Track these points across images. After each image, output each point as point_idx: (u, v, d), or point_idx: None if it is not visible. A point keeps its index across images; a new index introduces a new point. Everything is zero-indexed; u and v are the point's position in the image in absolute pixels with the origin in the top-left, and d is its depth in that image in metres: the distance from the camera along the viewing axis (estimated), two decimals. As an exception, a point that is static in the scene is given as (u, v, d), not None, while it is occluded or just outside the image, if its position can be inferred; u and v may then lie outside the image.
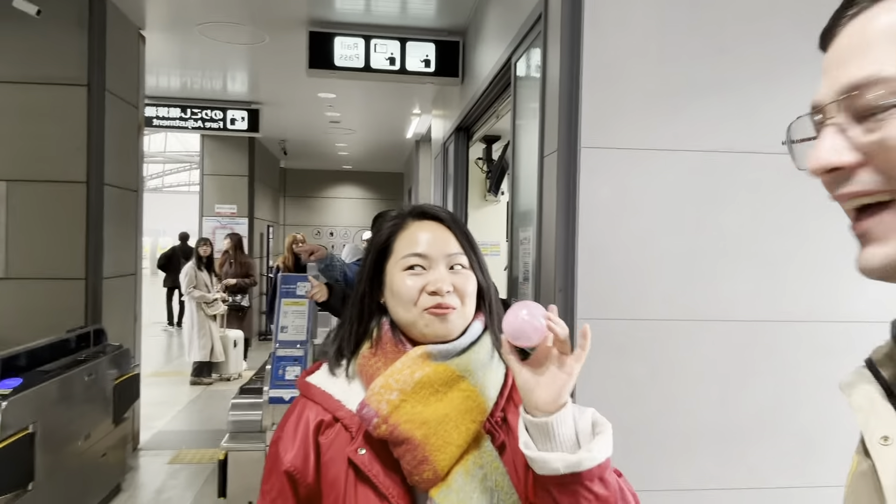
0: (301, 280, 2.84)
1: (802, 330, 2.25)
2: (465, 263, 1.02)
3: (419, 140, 9.40)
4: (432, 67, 4.58)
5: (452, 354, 0.97)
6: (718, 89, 2.22)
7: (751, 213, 2.24)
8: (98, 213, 4.17)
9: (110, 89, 4.31)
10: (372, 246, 1.06)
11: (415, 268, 0.99)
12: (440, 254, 1.00)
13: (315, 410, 0.99)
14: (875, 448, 0.51)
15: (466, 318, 1.00)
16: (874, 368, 0.57)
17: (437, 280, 0.97)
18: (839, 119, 0.52)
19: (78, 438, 3.37)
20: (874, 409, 0.53)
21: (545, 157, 2.44)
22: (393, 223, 1.06)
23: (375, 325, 1.02)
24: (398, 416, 0.91)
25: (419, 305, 0.97)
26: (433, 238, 1.02)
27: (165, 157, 25.28)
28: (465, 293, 1.00)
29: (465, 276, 1.01)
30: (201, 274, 7.03)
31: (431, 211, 1.06)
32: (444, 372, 0.95)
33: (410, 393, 0.92)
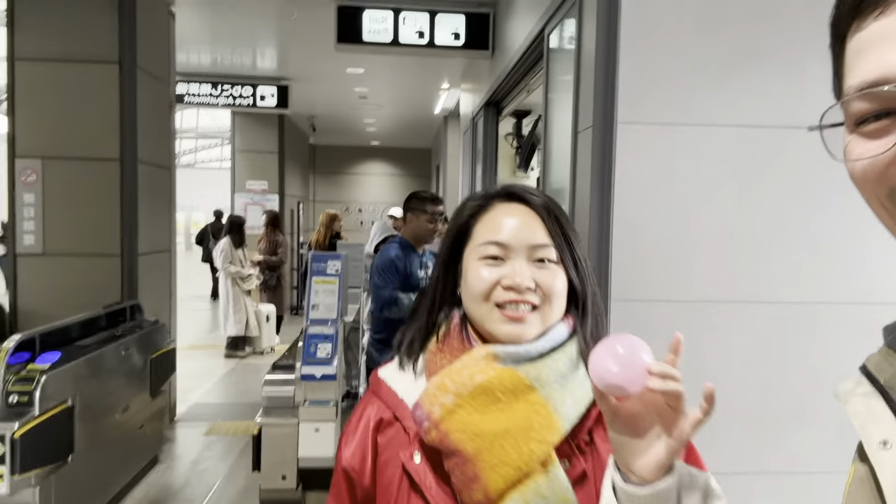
0: (332, 258, 2.84)
1: (847, 312, 2.17)
2: (552, 257, 0.88)
3: (447, 115, 9.31)
4: (462, 41, 4.49)
5: (524, 359, 0.83)
6: (764, 59, 2.12)
7: (795, 191, 2.15)
8: (132, 190, 4.21)
9: (142, 66, 4.33)
10: (450, 228, 0.95)
11: (492, 258, 0.87)
12: (522, 243, 0.87)
13: (377, 407, 0.92)
14: (874, 452, 0.49)
15: (548, 320, 0.87)
16: (870, 374, 0.55)
17: (515, 273, 0.85)
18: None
19: (116, 411, 3.46)
20: (871, 413, 0.52)
21: (579, 133, 2.38)
22: (476, 204, 0.94)
23: (445, 318, 0.92)
24: (450, 424, 0.80)
25: (491, 300, 0.86)
26: (518, 225, 0.88)
27: (198, 133, 25.59)
28: (551, 292, 0.86)
29: (551, 273, 0.87)
30: (237, 250, 7.12)
31: (520, 192, 0.92)
32: (509, 378, 0.82)
33: (467, 398, 0.81)
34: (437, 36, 4.46)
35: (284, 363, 2.95)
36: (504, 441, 0.79)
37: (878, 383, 0.54)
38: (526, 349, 0.84)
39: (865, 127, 0.50)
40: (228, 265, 7.03)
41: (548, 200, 0.92)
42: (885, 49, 0.47)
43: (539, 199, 0.91)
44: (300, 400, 2.68)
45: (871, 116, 0.49)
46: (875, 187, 0.50)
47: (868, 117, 0.49)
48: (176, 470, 4.06)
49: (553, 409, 0.81)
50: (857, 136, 0.51)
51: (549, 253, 0.88)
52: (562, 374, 0.84)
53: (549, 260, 0.88)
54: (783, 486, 2.18)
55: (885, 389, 0.53)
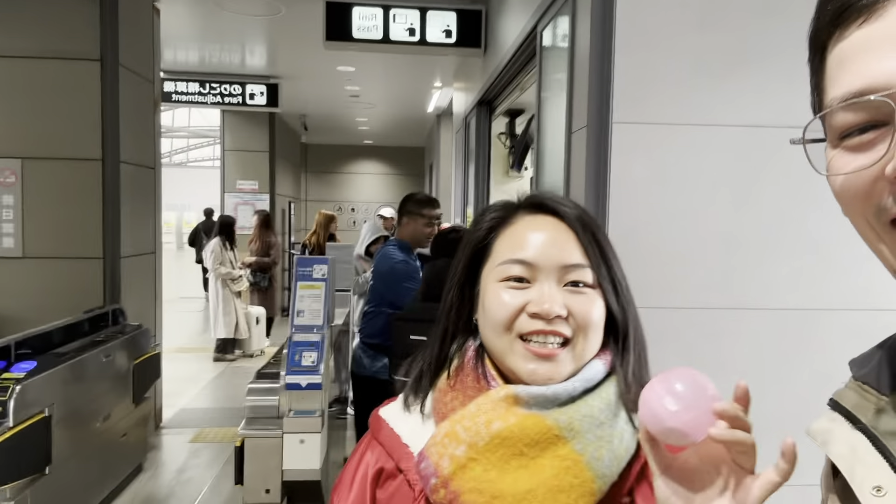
0: (317, 262, 2.74)
1: (848, 318, 2.09)
2: (588, 280, 0.74)
3: (440, 114, 9.22)
4: (453, 38, 4.40)
5: (553, 403, 0.69)
6: (764, 58, 2.04)
7: (795, 193, 2.07)
8: (114, 192, 4.10)
9: (124, 64, 4.22)
10: (466, 243, 0.80)
11: (516, 279, 0.73)
12: (553, 263, 0.73)
13: (378, 454, 0.78)
14: (868, 499, 0.46)
15: (582, 357, 0.73)
16: (846, 412, 0.54)
17: (543, 298, 0.71)
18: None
19: (97, 420, 3.35)
20: (858, 457, 0.49)
21: (573, 133, 2.29)
22: (496, 215, 0.79)
23: (458, 350, 0.78)
24: (462, 482, 0.66)
25: (514, 330, 0.72)
26: (547, 240, 0.74)
27: (189, 132, 25.42)
28: (587, 322, 0.72)
29: (587, 299, 0.73)
30: (227, 251, 7.00)
31: (550, 202, 0.78)
32: (535, 426, 0.67)
33: (483, 450, 0.67)
34: (429, 33, 4.37)
35: (269, 371, 2.85)
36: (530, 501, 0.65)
37: (861, 423, 0.51)
38: (554, 391, 0.70)
39: (850, 140, 0.47)
40: (219, 266, 6.92)
41: (582, 212, 0.78)
42: (869, 58, 0.45)
43: (572, 211, 0.77)
44: (285, 410, 2.59)
45: (856, 130, 0.47)
46: (862, 205, 0.48)
47: (853, 131, 0.47)
48: (160, 479, 3.95)
49: (587, 465, 0.66)
50: (841, 150, 0.48)
51: (585, 275, 0.74)
52: (598, 421, 0.69)
53: (584, 283, 0.73)
54: (782, 499, 2.11)
55: (871, 432, 0.50)
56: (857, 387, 0.56)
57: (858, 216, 0.50)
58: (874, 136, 0.46)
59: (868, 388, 0.54)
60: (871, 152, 0.46)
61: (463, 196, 6.01)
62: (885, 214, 0.47)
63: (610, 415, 0.70)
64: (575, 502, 0.65)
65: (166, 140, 26.06)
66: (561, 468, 0.66)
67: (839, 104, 0.47)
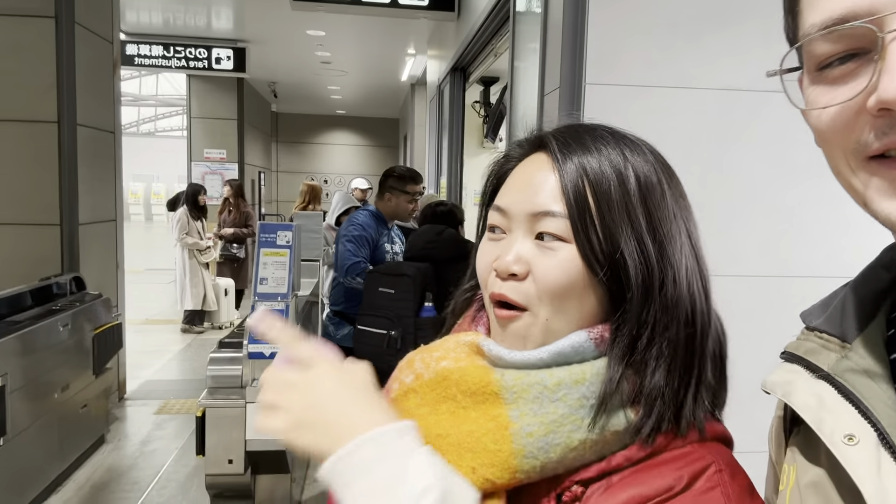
0: (282, 228, 2.65)
1: (818, 286, 2.09)
2: (559, 232, 0.59)
3: (414, 83, 9.07)
4: (426, 1, 4.27)
5: (508, 364, 0.60)
6: (739, 19, 1.99)
7: (768, 158, 2.04)
8: (72, 156, 3.94)
9: (80, 22, 4.02)
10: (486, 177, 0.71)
11: (495, 230, 0.64)
12: (521, 210, 0.61)
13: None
14: (840, 450, 0.45)
15: (551, 330, 0.60)
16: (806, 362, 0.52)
17: (504, 253, 0.61)
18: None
19: (55, 390, 3.25)
20: (825, 406, 0.48)
21: (546, 96, 2.23)
22: (518, 152, 0.67)
23: (468, 299, 0.73)
24: (398, 407, 0.62)
25: (487, 289, 0.64)
26: (525, 183, 0.63)
27: (157, 101, 24.75)
28: (547, 286, 0.59)
29: (551, 256, 0.59)
30: (195, 221, 6.82)
31: (546, 137, 0.64)
32: (476, 375, 0.59)
33: (425, 385, 0.62)
34: (400, -5, 4.24)
35: (232, 341, 2.77)
36: (437, 450, 0.57)
37: (822, 372, 0.50)
38: (519, 357, 0.59)
39: (830, 71, 0.45)
40: (185, 236, 6.75)
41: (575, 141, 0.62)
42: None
43: (559, 141, 0.62)
44: (248, 379, 2.51)
45: (836, 60, 0.44)
46: (841, 139, 0.46)
47: (832, 61, 0.44)
48: (123, 451, 3.87)
49: (512, 436, 0.56)
50: (819, 82, 0.46)
51: (555, 225, 0.59)
52: (552, 395, 0.57)
53: (553, 236, 0.59)
54: (749, 465, 2.12)
55: (836, 380, 0.49)
56: (814, 336, 0.54)
57: (836, 150, 0.47)
58: (855, 66, 0.43)
59: (827, 335, 0.53)
60: (853, 84, 0.43)
61: (437, 166, 5.92)
62: (864, 150, 0.44)
63: (574, 395, 0.57)
64: (482, 467, 0.56)
65: (133, 108, 25.36)
66: (484, 427, 0.57)
67: (818, 32, 0.44)
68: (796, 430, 0.56)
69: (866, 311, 0.52)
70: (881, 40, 0.40)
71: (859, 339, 0.50)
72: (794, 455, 0.54)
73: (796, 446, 0.54)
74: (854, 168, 0.46)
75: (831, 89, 0.45)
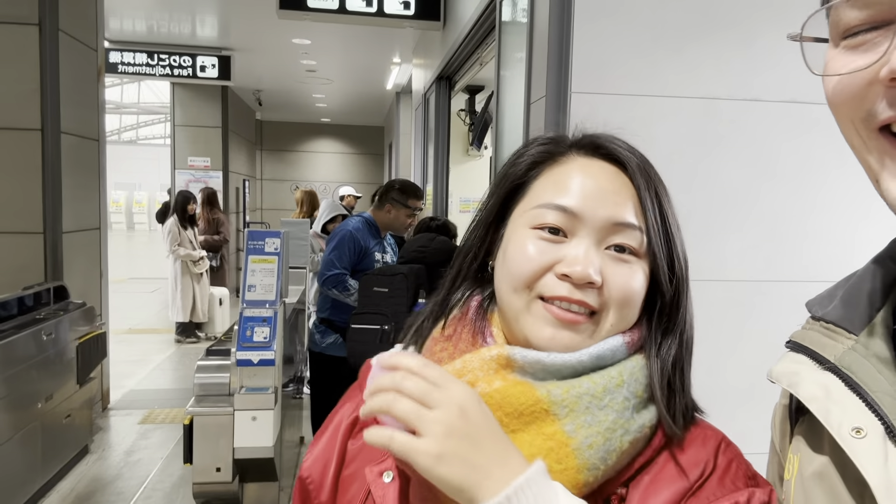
0: (269, 235, 2.66)
1: (798, 290, 2.13)
2: (636, 247, 0.61)
3: (399, 92, 9.10)
4: (412, 10, 4.31)
5: (551, 374, 0.59)
6: (722, 29, 2.04)
7: (750, 166, 2.09)
8: (55, 163, 3.91)
9: (64, 29, 4.00)
10: (502, 177, 0.68)
11: (551, 229, 0.61)
12: (599, 218, 0.61)
13: (356, 402, 0.68)
14: (847, 442, 0.44)
15: (603, 333, 0.61)
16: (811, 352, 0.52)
17: (577, 259, 0.59)
18: None
19: (38, 400, 3.21)
20: (832, 398, 0.47)
21: (532, 104, 2.26)
22: (543, 148, 0.66)
23: (462, 298, 0.67)
24: None
25: (536, 289, 0.60)
26: (598, 189, 0.62)
27: (140, 109, 24.56)
28: (623, 297, 0.60)
29: (629, 270, 0.61)
30: (186, 231, 6.71)
31: (612, 146, 0.65)
32: (521, 395, 0.57)
33: None
34: (387, 4, 4.27)
35: (219, 348, 2.77)
36: None
37: (829, 363, 0.49)
38: (554, 360, 0.58)
39: (852, 40, 0.44)
40: (177, 248, 6.60)
41: (646, 163, 0.66)
42: None
43: (634, 157, 0.65)
44: (236, 387, 2.51)
45: (862, 29, 0.43)
46: (852, 109, 0.45)
47: (858, 30, 0.44)
48: (108, 460, 3.83)
49: (575, 452, 0.55)
50: (841, 49, 0.45)
51: (634, 239, 0.61)
52: (600, 403, 0.57)
53: (630, 250, 0.61)
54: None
55: (843, 372, 0.48)
56: (819, 326, 0.54)
57: (847, 121, 0.46)
58: (876, 35, 0.43)
59: (834, 327, 0.52)
60: (871, 53, 0.43)
61: (422, 174, 5.95)
62: (873, 120, 0.44)
63: (618, 399, 0.58)
64: None
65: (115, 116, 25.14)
66: (543, 448, 0.56)
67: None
68: (801, 420, 0.55)
69: (873, 303, 0.51)
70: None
71: (866, 330, 0.50)
72: (799, 445, 0.53)
73: (801, 436, 0.53)
74: (865, 139, 0.45)
75: (850, 57, 0.44)
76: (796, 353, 0.54)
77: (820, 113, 2.06)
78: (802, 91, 2.04)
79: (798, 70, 0.50)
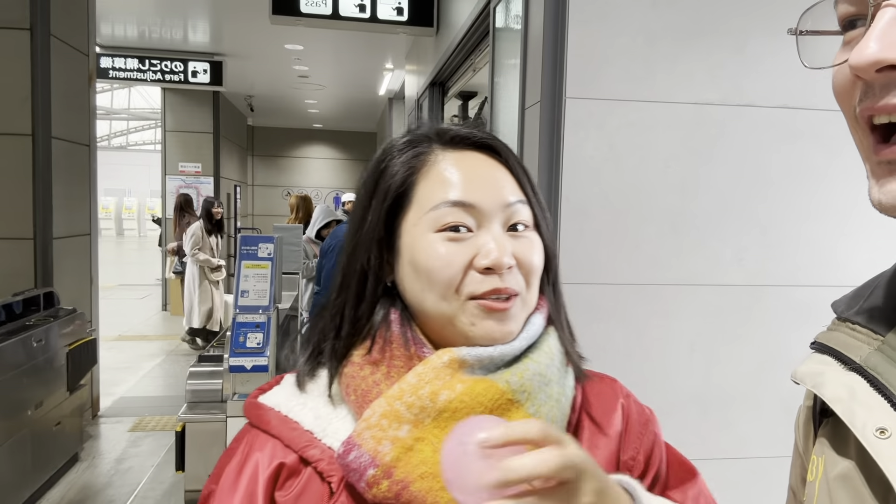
0: (263, 241, 2.65)
1: (792, 295, 2.15)
2: (528, 221, 0.65)
3: (392, 98, 9.11)
4: (405, 16, 4.32)
5: (499, 364, 0.61)
6: (715, 35, 2.05)
7: (742, 171, 2.10)
8: (46, 169, 3.88)
9: (56, 34, 3.98)
10: (384, 191, 0.65)
11: (456, 228, 0.61)
12: (494, 203, 0.62)
13: (270, 449, 0.62)
14: (872, 442, 0.44)
15: (529, 309, 0.65)
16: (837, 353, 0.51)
17: (493, 249, 0.60)
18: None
19: (27, 408, 3.18)
20: (857, 399, 0.47)
21: (526, 109, 2.27)
22: (413, 154, 0.65)
23: (380, 318, 0.64)
24: (410, 468, 0.56)
25: (463, 291, 0.61)
26: (485, 177, 0.64)
27: (130, 114, 24.46)
28: (532, 270, 0.63)
29: (529, 243, 0.64)
30: (209, 237, 6.56)
31: (475, 136, 0.66)
32: (487, 392, 0.58)
33: (431, 427, 0.57)
34: (380, 10, 4.27)
35: (212, 354, 2.75)
36: None
37: (854, 364, 0.49)
38: (501, 352, 0.61)
39: (850, 33, 0.45)
40: (197, 252, 6.48)
41: (505, 143, 0.68)
42: None
43: (500, 143, 0.67)
44: (229, 393, 2.49)
45: (859, 21, 0.44)
46: (843, 101, 0.46)
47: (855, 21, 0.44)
48: (98, 468, 3.79)
49: None
50: (843, 42, 0.46)
51: (525, 214, 0.64)
52: (546, 380, 0.62)
53: (524, 224, 0.64)
54: (730, 472, 2.15)
55: (869, 373, 0.47)
56: (845, 327, 0.53)
57: (843, 111, 0.46)
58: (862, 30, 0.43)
59: (860, 327, 0.52)
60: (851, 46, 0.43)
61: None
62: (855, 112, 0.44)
63: (555, 371, 0.64)
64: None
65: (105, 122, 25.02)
66: None
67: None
68: (825, 422, 0.55)
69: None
70: (871, 9, 0.41)
71: (894, 331, 0.49)
72: (823, 447, 0.53)
73: (825, 437, 0.53)
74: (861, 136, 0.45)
75: (843, 50, 0.45)
76: (821, 354, 0.53)
77: (812, 118, 2.08)
78: (794, 97, 2.06)
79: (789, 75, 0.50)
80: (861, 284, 0.57)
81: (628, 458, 0.69)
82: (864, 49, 0.40)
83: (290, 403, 0.65)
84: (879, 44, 0.39)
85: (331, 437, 0.61)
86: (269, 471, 0.61)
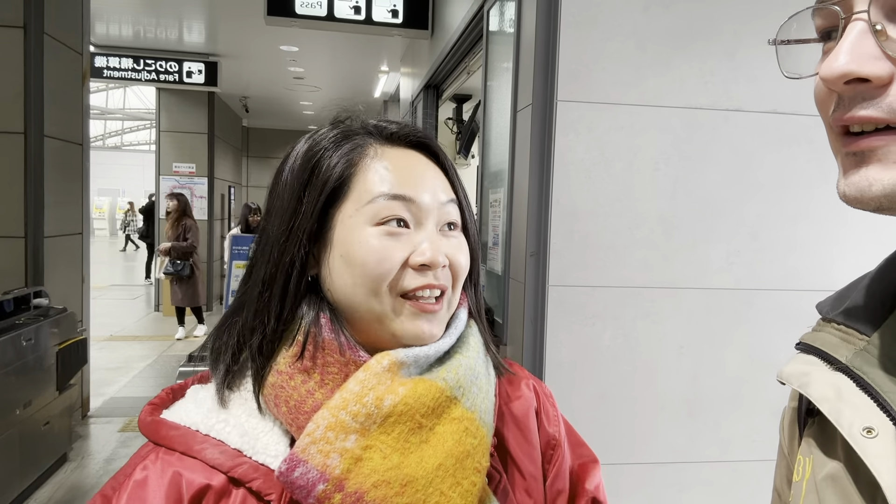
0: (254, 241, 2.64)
1: (780, 299, 2.16)
2: (458, 222, 0.66)
3: (387, 100, 9.12)
4: (400, 18, 4.33)
5: (431, 364, 0.63)
6: (706, 39, 2.07)
7: (732, 175, 2.11)
8: (38, 167, 3.87)
9: (50, 32, 3.97)
10: (319, 183, 0.62)
11: (393, 222, 0.61)
12: (432, 201, 0.63)
13: (190, 471, 0.57)
14: (859, 442, 0.44)
15: (452, 310, 0.67)
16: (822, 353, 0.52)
17: (428, 247, 0.61)
18: (872, 14, 0.41)
19: (17, 407, 3.16)
20: (844, 398, 0.47)
21: (518, 112, 2.28)
22: (350, 147, 0.64)
23: (307, 320, 0.61)
24: (362, 478, 0.55)
25: (397, 288, 0.60)
26: (422, 175, 0.64)
27: (125, 115, 24.39)
28: (460, 270, 0.65)
29: (459, 243, 0.65)
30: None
31: (414, 135, 0.67)
32: (428, 392, 0.59)
33: (378, 434, 0.56)
34: (375, 12, 4.28)
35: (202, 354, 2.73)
36: (442, 483, 0.56)
37: (840, 364, 0.49)
38: (437, 349, 0.62)
39: (828, 44, 0.45)
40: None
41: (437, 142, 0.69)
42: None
43: (433, 142, 0.68)
44: (219, 393, 2.49)
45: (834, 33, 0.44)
46: (822, 109, 0.46)
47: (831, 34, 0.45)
48: (87, 469, 3.77)
49: (480, 421, 0.61)
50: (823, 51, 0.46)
51: (457, 214, 0.66)
52: (476, 373, 0.64)
53: (454, 225, 0.66)
54: (714, 476, 2.16)
55: (854, 373, 0.48)
56: (830, 327, 0.54)
57: (823, 119, 0.47)
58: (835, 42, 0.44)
59: (845, 328, 0.52)
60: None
61: (408, 182, 5.95)
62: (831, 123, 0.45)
63: (481, 363, 0.66)
64: (479, 465, 0.59)
65: (100, 122, 24.95)
66: (460, 431, 0.59)
67: (816, 5, 0.45)
68: (811, 422, 0.55)
69: (885, 304, 0.51)
70: (842, 21, 0.42)
71: (878, 331, 0.49)
72: (810, 447, 0.53)
73: (812, 438, 0.54)
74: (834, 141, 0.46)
75: (823, 60, 0.45)
76: (807, 355, 0.54)
77: (801, 123, 2.09)
78: (783, 102, 2.08)
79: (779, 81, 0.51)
80: (845, 285, 0.57)
81: (552, 434, 0.73)
82: (833, 62, 0.41)
83: (210, 422, 0.60)
84: (847, 56, 0.40)
85: (261, 454, 0.58)
86: (190, 493, 0.56)
